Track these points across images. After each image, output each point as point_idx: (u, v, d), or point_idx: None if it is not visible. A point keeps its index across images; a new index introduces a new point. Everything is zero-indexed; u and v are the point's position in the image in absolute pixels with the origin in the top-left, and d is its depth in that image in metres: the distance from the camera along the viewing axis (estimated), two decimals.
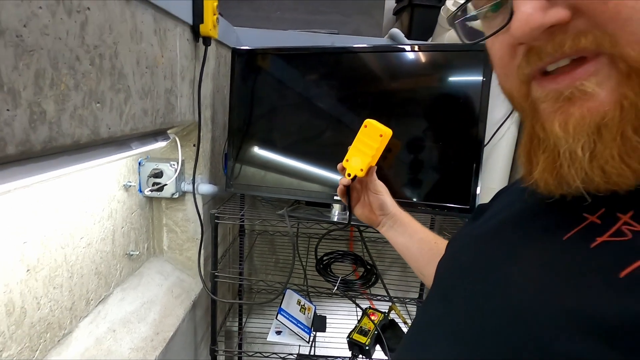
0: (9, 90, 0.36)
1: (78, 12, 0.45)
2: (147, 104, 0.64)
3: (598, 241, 0.24)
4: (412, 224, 0.63)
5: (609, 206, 0.25)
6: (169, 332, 0.85)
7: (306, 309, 1.19)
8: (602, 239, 0.24)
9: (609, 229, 0.24)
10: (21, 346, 0.58)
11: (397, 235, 0.63)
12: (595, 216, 0.25)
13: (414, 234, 0.62)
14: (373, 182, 0.62)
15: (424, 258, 0.59)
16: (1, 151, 0.36)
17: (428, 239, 0.61)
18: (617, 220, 0.24)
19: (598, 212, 0.26)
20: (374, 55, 0.94)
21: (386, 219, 0.63)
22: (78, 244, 0.69)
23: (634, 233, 0.23)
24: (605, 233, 0.24)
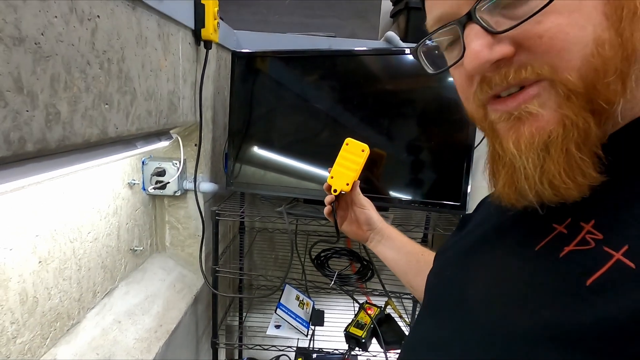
0: (28, 93, 0.40)
1: (89, 20, 0.48)
2: (152, 105, 0.68)
3: (565, 250, 0.25)
4: (399, 237, 0.64)
5: (574, 215, 0.26)
6: (172, 325, 0.88)
7: (305, 304, 1.22)
8: (569, 249, 0.25)
9: (574, 238, 0.25)
10: (33, 333, 0.61)
11: (385, 250, 0.64)
12: (563, 226, 0.27)
13: (401, 247, 0.63)
14: (358, 196, 0.64)
15: (412, 271, 0.60)
16: (21, 148, 0.39)
17: (415, 251, 0.62)
18: (581, 230, 0.25)
19: (565, 221, 0.27)
20: (370, 58, 0.97)
21: (373, 234, 0.64)
22: (86, 239, 0.73)
23: (596, 241, 0.24)
24: (571, 242, 0.25)
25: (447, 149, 0.92)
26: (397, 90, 0.98)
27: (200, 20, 0.82)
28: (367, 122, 0.99)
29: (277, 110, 1.06)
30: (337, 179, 0.61)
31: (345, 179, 0.60)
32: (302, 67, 1.02)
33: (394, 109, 0.98)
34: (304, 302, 1.23)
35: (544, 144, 0.25)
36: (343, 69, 0.99)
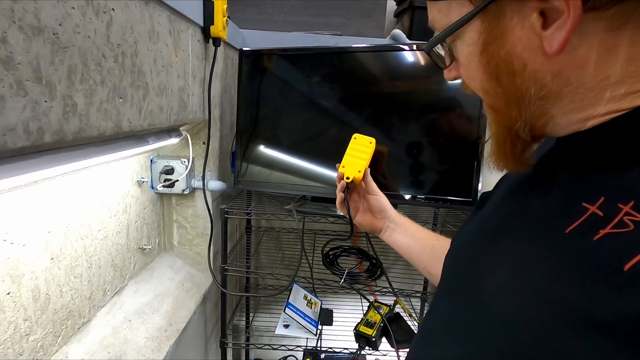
0: (46, 84, 0.39)
1: (104, 12, 0.48)
2: (163, 101, 0.68)
3: (601, 234, 0.24)
4: (412, 225, 0.65)
5: (608, 195, 0.25)
6: (182, 324, 0.87)
7: (313, 304, 1.22)
8: (605, 232, 0.24)
9: (610, 220, 0.24)
10: (46, 331, 0.61)
11: (399, 238, 0.64)
12: (596, 206, 0.26)
13: (415, 234, 0.64)
14: (370, 184, 0.65)
15: (428, 257, 0.60)
16: (40, 139, 0.39)
17: (429, 237, 0.63)
18: (618, 211, 0.24)
19: (598, 201, 0.26)
20: (377, 55, 0.97)
21: (387, 222, 0.65)
22: (96, 236, 0.72)
23: (636, 224, 0.23)
24: (607, 225, 0.24)
25: (457, 144, 0.91)
26: (405, 86, 0.98)
27: (210, 18, 0.82)
28: (375, 119, 0.98)
29: (284, 109, 1.05)
30: (348, 168, 0.63)
31: (356, 166, 0.62)
32: (309, 65, 1.02)
33: (402, 105, 0.97)
34: (311, 302, 1.22)
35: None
36: (350, 66, 0.99)
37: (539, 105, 0.30)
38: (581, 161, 0.30)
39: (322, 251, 1.07)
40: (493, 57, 0.30)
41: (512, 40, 0.28)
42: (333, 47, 1.03)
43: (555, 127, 0.31)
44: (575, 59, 0.27)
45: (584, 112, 0.29)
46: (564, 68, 0.28)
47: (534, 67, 0.28)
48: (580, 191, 0.28)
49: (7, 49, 0.34)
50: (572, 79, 0.28)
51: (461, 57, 0.34)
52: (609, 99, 0.27)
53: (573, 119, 0.30)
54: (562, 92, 0.29)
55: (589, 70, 0.27)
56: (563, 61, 0.27)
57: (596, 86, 0.27)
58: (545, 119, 0.31)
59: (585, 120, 0.29)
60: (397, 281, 1.18)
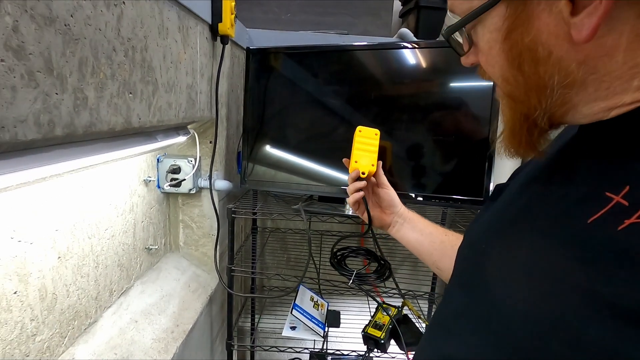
0: (57, 75, 0.38)
1: (115, 5, 0.47)
2: (172, 97, 0.67)
3: (626, 223, 0.24)
4: (420, 220, 0.64)
5: (634, 184, 0.25)
6: (188, 325, 0.86)
7: (319, 305, 1.20)
8: (631, 221, 0.23)
9: (637, 209, 0.23)
10: (52, 331, 0.59)
11: (408, 233, 0.64)
12: (620, 196, 0.25)
13: (424, 228, 0.63)
14: (381, 176, 0.64)
15: (437, 252, 0.60)
16: (51, 132, 0.38)
17: (437, 232, 0.62)
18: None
19: (623, 190, 0.25)
20: (384, 53, 0.96)
21: (396, 217, 0.64)
22: (103, 235, 0.71)
23: None
24: (633, 214, 0.23)
25: (467, 142, 0.90)
26: (413, 84, 0.96)
27: (218, 15, 0.81)
28: (384, 118, 0.97)
29: (290, 108, 1.04)
30: (360, 163, 0.61)
31: (368, 160, 0.61)
32: (316, 63, 1.01)
33: (410, 103, 0.96)
34: (318, 303, 1.21)
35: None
36: (358, 65, 0.98)
37: (562, 94, 0.29)
38: (605, 150, 0.29)
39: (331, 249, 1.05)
40: (517, 44, 0.29)
41: (538, 26, 0.27)
42: (340, 45, 1.02)
43: (576, 115, 0.30)
44: (604, 46, 0.26)
45: (609, 100, 0.28)
46: (590, 55, 0.27)
47: (560, 55, 0.27)
48: (603, 181, 0.27)
49: (18, 38, 0.33)
50: (599, 66, 0.27)
51: (482, 43, 0.33)
52: (637, 88, 0.26)
53: (596, 108, 0.29)
54: (587, 81, 0.28)
55: (617, 58, 0.26)
56: (590, 48, 0.26)
57: (624, 74, 0.26)
58: (566, 107, 0.30)
59: (609, 110, 0.28)
60: (404, 282, 1.17)
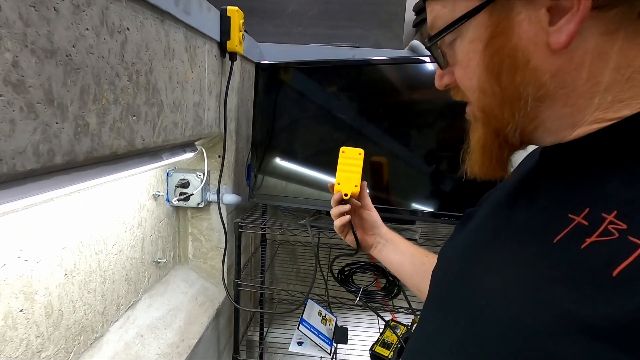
0: (58, 105, 0.39)
1: (119, 32, 0.48)
2: (178, 117, 0.68)
3: (587, 242, 0.25)
4: (402, 241, 0.64)
5: (592, 205, 0.26)
6: (194, 340, 0.86)
7: (327, 320, 1.19)
8: (591, 240, 0.25)
9: (596, 229, 0.25)
10: (58, 347, 0.61)
11: (390, 254, 0.63)
12: (581, 217, 0.27)
13: (405, 250, 0.63)
14: (365, 198, 0.64)
15: (419, 274, 0.60)
16: (50, 161, 0.39)
17: (418, 254, 0.62)
18: (602, 220, 0.25)
19: (583, 212, 0.27)
20: (394, 67, 0.95)
21: (378, 238, 0.64)
22: (111, 251, 0.73)
23: (620, 232, 0.24)
24: (593, 233, 0.25)
25: None
26: (424, 98, 0.95)
27: (226, 33, 0.82)
28: (392, 132, 0.96)
29: (300, 122, 1.04)
30: (344, 184, 0.60)
31: (352, 181, 0.60)
32: (325, 78, 1.01)
33: (421, 118, 0.94)
34: (326, 318, 1.19)
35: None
36: (367, 79, 0.97)
37: (533, 107, 0.30)
38: (565, 172, 0.31)
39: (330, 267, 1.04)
40: (498, 51, 0.30)
41: (519, 33, 0.29)
42: (350, 59, 1.02)
43: (544, 132, 0.32)
44: (573, 60, 0.28)
45: (573, 118, 0.29)
46: (562, 68, 0.28)
47: (536, 64, 0.29)
48: (565, 202, 0.29)
49: (18, 72, 0.34)
50: (567, 80, 0.28)
51: (461, 56, 0.33)
52: (596, 106, 0.28)
53: (562, 125, 0.30)
54: (557, 95, 0.29)
55: (582, 74, 0.28)
56: (563, 61, 0.28)
57: (587, 92, 0.28)
58: (536, 123, 0.31)
59: (573, 127, 0.30)
60: (416, 300, 1.14)
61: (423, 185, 0.93)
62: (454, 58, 0.34)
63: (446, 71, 0.36)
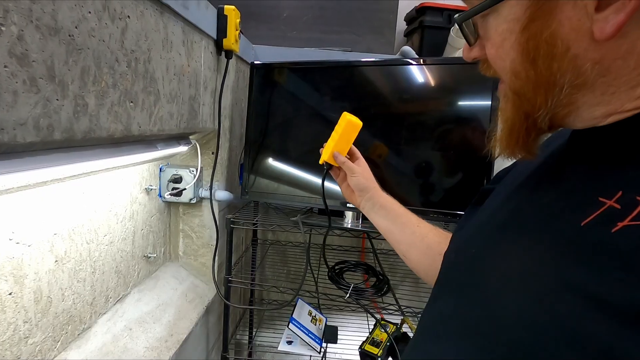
0: (59, 82, 0.40)
1: (120, 19, 0.50)
2: (173, 108, 0.69)
3: (619, 225, 0.24)
4: (395, 207, 0.64)
5: (626, 189, 0.25)
6: (183, 335, 0.86)
7: (317, 320, 1.19)
8: (624, 224, 0.24)
9: (629, 213, 0.24)
10: (45, 335, 0.60)
11: (377, 218, 0.64)
12: (613, 200, 0.25)
13: (396, 217, 0.63)
14: (345, 163, 0.66)
15: (406, 243, 0.60)
16: (49, 136, 0.40)
17: (410, 222, 0.62)
18: (637, 203, 0.24)
19: (615, 195, 0.25)
20: (386, 70, 0.98)
21: (365, 200, 0.65)
22: (101, 241, 0.72)
23: None
24: (626, 217, 0.24)
25: (467, 157, 0.90)
26: (413, 100, 0.98)
27: (223, 30, 0.84)
28: (384, 133, 0.98)
29: (293, 122, 1.06)
30: (324, 151, 0.66)
31: (328, 149, 0.65)
32: (319, 78, 1.03)
33: (411, 118, 0.97)
34: (316, 318, 1.19)
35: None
36: (360, 80, 1.00)
37: (569, 94, 0.28)
38: (597, 156, 0.30)
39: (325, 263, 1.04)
40: (535, 36, 0.28)
41: (560, 19, 0.27)
42: (343, 60, 1.05)
43: (576, 118, 0.30)
44: (621, 48, 0.26)
45: (610, 106, 0.28)
46: (606, 56, 0.26)
47: (577, 52, 0.27)
48: (596, 186, 0.27)
49: (23, 46, 0.35)
50: (611, 69, 0.27)
51: (494, 35, 0.31)
52: (638, 96, 0.27)
53: (597, 113, 0.29)
54: (597, 83, 0.27)
55: (629, 62, 0.26)
56: (608, 49, 0.26)
57: (632, 80, 0.26)
58: (569, 109, 0.30)
59: (608, 116, 0.28)
60: (405, 299, 1.15)
61: (413, 182, 0.95)
62: (486, 33, 0.32)
63: (477, 44, 0.34)
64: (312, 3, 1.32)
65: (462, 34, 0.34)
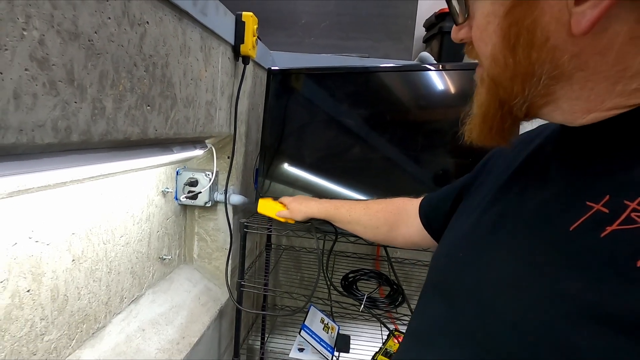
0: (78, 86, 0.41)
1: (139, 24, 0.51)
2: (190, 112, 0.70)
3: (608, 230, 0.24)
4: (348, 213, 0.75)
5: (613, 193, 0.25)
6: (194, 338, 0.86)
7: (329, 328, 1.17)
8: (612, 228, 0.24)
9: (617, 217, 0.24)
10: (61, 333, 0.61)
11: (341, 225, 0.79)
12: (601, 204, 0.25)
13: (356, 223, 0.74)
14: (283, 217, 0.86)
15: (372, 236, 0.74)
16: (67, 137, 0.41)
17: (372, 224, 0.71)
18: (625, 208, 0.24)
19: (602, 199, 0.25)
20: (403, 75, 0.97)
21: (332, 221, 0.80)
22: (118, 242, 0.74)
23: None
24: (614, 222, 0.24)
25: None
26: (431, 107, 0.96)
27: (240, 37, 0.85)
28: (400, 140, 0.97)
29: (309, 128, 1.06)
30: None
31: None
32: (336, 84, 1.03)
33: (428, 126, 0.96)
34: (329, 326, 1.17)
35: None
36: (377, 86, 0.99)
37: (546, 85, 0.28)
38: (580, 157, 0.30)
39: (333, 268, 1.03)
40: (517, 22, 0.28)
41: (542, 7, 0.27)
42: (359, 66, 1.04)
43: (555, 110, 0.30)
44: (599, 43, 0.25)
45: (589, 102, 0.28)
46: (585, 50, 0.26)
47: (555, 43, 0.27)
48: (581, 189, 0.28)
49: (43, 50, 0.36)
50: (589, 63, 0.26)
51: (480, 17, 0.31)
52: (619, 93, 0.26)
53: (576, 107, 0.28)
54: (575, 77, 0.27)
55: (608, 58, 0.26)
56: (586, 43, 0.26)
57: (610, 77, 0.26)
58: (547, 100, 0.29)
59: (587, 112, 0.28)
60: None
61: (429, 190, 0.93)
62: (474, 13, 0.32)
63: (464, 24, 0.34)
64: (330, 9, 1.33)
65: (450, 11, 0.34)
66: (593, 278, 0.23)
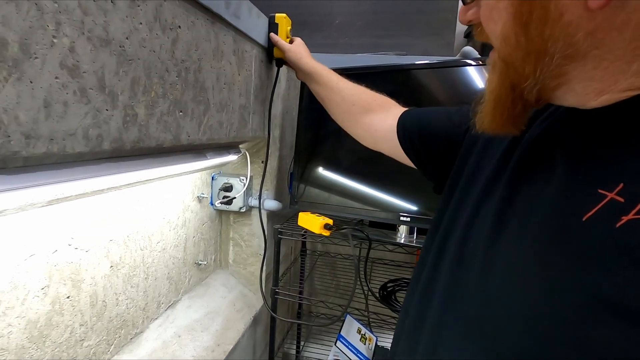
0: (109, 93, 0.41)
1: (171, 29, 0.50)
2: (223, 117, 0.69)
3: (624, 220, 0.23)
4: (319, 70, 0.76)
5: (628, 181, 0.24)
6: (230, 345, 0.85)
7: (367, 339, 1.12)
8: (628, 218, 0.23)
9: (633, 206, 0.23)
10: (99, 338, 0.62)
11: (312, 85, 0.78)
12: (614, 192, 0.24)
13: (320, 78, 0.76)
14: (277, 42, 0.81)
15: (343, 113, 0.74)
16: (98, 146, 0.40)
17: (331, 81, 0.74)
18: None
19: (616, 187, 0.24)
20: (444, 72, 0.91)
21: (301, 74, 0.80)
22: (155, 248, 0.74)
23: None
24: (630, 211, 0.23)
25: None
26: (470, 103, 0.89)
27: None
28: None
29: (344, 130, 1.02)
30: None
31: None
32: (372, 84, 0.98)
33: None
34: (366, 337, 1.12)
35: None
36: (415, 84, 0.94)
37: (559, 65, 0.27)
38: (590, 143, 0.28)
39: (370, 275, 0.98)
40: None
41: None
42: (396, 64, 0.99)
43: (567, 92, 0.28)
44: (616, 19, 0.24)
45: (603, 82, 0.26)
46: (600, 26, 0.24)
47: (570, 19, 0.25)
48: (593, 177, 0.26)
49: (74, 58, 0.36)
50: (605, 41, 0.25)
51: None
52: (634, 72, 0.25)
53: (589, 88, 0.27)
54: (589, 55, 0.26)
55: (625, 35, 0.24)
56: (602, 19, 0.24)
57: (627, 54, 0.25)
58: (559, 81, 0.28)
59: (601, 93, 0.27)
60: None
61: None
62: None
63: (472, 4, 0.32)
64: (365, 8, 1.29)
65: None
66: (609, 269, 0.23)
